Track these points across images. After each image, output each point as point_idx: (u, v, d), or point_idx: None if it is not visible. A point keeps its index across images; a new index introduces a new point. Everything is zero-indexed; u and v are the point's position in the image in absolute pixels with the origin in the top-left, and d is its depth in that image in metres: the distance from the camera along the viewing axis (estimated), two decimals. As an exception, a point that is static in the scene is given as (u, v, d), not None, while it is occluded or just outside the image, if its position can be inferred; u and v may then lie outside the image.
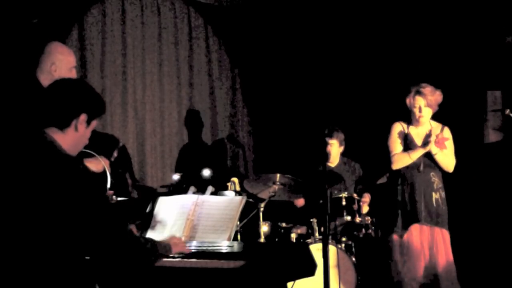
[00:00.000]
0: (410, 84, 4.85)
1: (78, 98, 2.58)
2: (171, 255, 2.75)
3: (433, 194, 4.74)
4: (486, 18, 5.88)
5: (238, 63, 6.85)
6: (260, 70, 6.86)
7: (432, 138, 4.69)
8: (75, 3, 5.51)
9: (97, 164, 3.81)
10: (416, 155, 4.74)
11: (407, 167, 4.79)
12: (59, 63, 3.91)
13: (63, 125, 2.54)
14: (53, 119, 2.54)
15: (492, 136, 5.94)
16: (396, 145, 4.85)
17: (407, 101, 4.81)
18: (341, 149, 5.81)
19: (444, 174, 4.85)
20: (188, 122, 6.41)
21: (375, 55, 6.55)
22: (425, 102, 4.73)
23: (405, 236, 4.71)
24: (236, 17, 6.76)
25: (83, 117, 2.57)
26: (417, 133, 4.86)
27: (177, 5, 6.38)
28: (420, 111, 4.75)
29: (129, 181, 5.34)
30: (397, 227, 4.76)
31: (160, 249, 2.68)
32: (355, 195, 5.37)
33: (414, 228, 4.72)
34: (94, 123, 2.64)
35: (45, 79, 3.85)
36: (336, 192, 5.43)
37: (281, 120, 6.78)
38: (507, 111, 4.75)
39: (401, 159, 4.77)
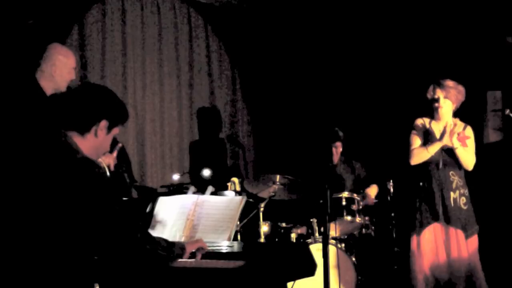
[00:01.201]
0: (409, 82, 4.84)
1: (100, 104, 2.58)
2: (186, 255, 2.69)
3: (451, 193, 4.67)
4: (486, 18, 5.88)
5: (238, 63, 6.85)
6: (260, 70, 6.86)
7: (448, 129, 4.61)
8: (75, 3, 5.51)
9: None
10: (433, 148, 4.65)
11: (426, 164, 4.71)
12: (60, 65, 3.91)
13: (83, 130, 2.53)
14: (74, 123, 2.53)
15: (492, 136, 5.94)
16: (415, 139, 4.77)
17: (428, 95, 4.77)
18: (341, 149, 5.83)
19: (465, 173, 4.77)
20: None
21: (375, 54, 6.55)
22: (444, 94, 4.71)
23: (422, 234, 4.68)
24: (236, 17, 6.76)
25: (103, 123, 2.56)
26: (438, 129, 4.74)
27: (177, 5, 6.37)
28: (438, 101, 4.72)
29: (128, 181, 5.34)
30: (415, 225, 4.73)
31: (176, 249, 2.62)
32: (355, 195, 5.37)
33: (431, 227, 4.66)
34: (115, 130, 2.62)
35: (46, 81, 3.85)
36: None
37: (281, 119, 6.78)
38: (507, 111, 4.74)
39: (419, 154, 4.70)
